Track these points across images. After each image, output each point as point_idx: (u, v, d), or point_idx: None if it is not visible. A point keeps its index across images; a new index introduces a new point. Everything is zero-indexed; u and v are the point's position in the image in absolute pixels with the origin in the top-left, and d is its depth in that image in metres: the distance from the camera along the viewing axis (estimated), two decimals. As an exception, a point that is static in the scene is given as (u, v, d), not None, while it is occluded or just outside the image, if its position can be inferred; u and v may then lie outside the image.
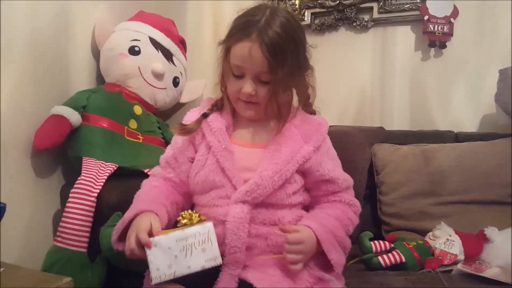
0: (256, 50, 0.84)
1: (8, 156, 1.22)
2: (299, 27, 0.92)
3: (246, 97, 0.90)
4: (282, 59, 0.85)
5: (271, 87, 0.88)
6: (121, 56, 1.47)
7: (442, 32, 1.73)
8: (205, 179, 0.92)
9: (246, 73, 0.88)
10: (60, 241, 1.16)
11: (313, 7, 2.00)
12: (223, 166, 0.91)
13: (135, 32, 1.51)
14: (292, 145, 0.92)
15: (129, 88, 1.49)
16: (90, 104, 1.38)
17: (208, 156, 0.94)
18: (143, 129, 1.50)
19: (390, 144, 1.54)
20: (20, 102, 1.24)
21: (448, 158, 1.40)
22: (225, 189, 0.91)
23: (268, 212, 0.90)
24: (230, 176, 0.90)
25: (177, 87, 1.64)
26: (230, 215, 0.87)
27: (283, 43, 0.85)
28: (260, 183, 0.87)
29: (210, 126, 0.95)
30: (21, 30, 1.24)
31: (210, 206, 0.92)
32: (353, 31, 1.94)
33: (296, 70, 0.90)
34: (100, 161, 1.30)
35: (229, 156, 0.91)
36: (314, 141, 0.94)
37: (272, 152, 0.91)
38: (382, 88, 1.87)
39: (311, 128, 0.96)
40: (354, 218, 0.96)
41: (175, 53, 1.61)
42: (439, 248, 1.15)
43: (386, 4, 1.84)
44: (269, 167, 0.89)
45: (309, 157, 0.92)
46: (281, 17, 0.87)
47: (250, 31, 0.85)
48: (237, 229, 0.85)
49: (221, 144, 0.92)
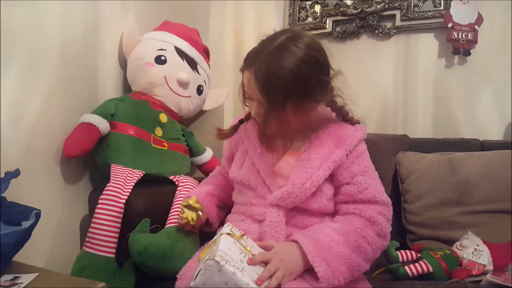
0: (251, 80, 0.91)
1: (40, 163, 1.25)
2: (312, 60, 0.90)
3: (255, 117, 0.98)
4: (273, 92, 0.88)
5: (265, 113, 0.93)
6: (147, 65, 1.49)
7: (466, 40, 1.72)
8: (241, 178, 1.01)
9: (251, 97, 0.96)
10: (90, 246, 1.18)
11: (334, 15, 2.01)
12: (258, 168, 0.98)
13: (161, 42, 1.54)
14: (322, 151, 0.94)
15: (155, 97, 1.52)
16: (118, 112, 1.41)
17: (246, 158, 1.03)
18: (168, 136, 1.52)
19: (415, 152, 1.53)
20: (51, 110, 1.28)
21: (475, 167, 1.38)
22: (260, 190, 0.97)
23: (302, 216, 0.94)
24: (264, 178, 0.97)
25: (201, 95, 1.66)
26: (268, 218, 0.93)
27: (276, 77, 0.86)
28: (292, 191, 0.91)
29: (247, 130, 1.05)
30: (53, 42, 1.28)
31: (247, 205, 1.00)
32: (375, 39, 1.95)
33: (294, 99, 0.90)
34: (127, 168, 1.33)
35: (264, 160, 0.99)
36: (347, 145, 0.95)
37: (303, 161, 0.95)
38: (405, 96, 1.86)
39: (346, 132, 0.98)
40: (371, 237, 0.88)
41: (200, 62, 1.63)
42: (467, 258, 1.14)
43: (409, 11, 1.84)
44: (300, 175, 0.92)
45: (340, 162, 0.93)
46: (288, 54, 0.87)
47: (250, 63, 0.92)
48: (275, 231, 0.91)
49: (257, 148, 1.00)
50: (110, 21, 1.50)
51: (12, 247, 0.88)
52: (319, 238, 0.87)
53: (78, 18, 1.37)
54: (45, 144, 1.27)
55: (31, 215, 0.92)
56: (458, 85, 1.78)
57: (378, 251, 0.91)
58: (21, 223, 0.89)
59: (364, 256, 0.87)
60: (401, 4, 1.85)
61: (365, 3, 1.91)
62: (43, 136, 1.26)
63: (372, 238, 0.88)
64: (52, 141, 1.29)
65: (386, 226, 0.91)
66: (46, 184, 1.28)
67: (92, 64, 1.44)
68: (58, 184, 1.32)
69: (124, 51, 1.54)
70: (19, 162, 1.15)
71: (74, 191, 1.38)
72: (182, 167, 1.54)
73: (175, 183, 1.40)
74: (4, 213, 0.88)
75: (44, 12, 1.24)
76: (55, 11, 1.28)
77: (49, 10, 1.26)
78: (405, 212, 1.45)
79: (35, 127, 1.23)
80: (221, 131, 1.08)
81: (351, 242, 0.87)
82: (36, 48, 1.22)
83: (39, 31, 1.23)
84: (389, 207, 0.94)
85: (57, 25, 1.29)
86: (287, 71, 0.86)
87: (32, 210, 0.93)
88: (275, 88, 0.87)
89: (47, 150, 1.28)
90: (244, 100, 1.02)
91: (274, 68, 0.87)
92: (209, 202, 1.12)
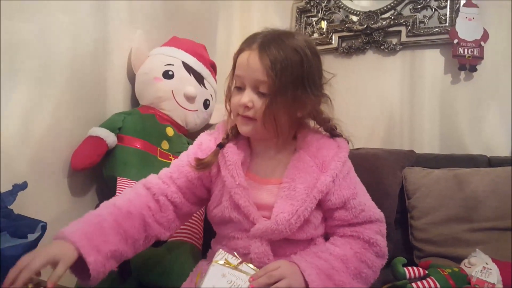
0: (253, 57, 0.84)
1: (47, 176, 1.27)
2: (313, 53, 0.89)
3: (243, 110, 0.87)
4: (281, 70, 0.82)
5: (268, 98, 0.85)
6: (155, 80, 1.51)
7: (472, 56, 1.72)
8: (221, 215, 0.92)
9: (245, 83, 0.87)
10: (95, 259, 1.18)
11: (340, 30, 2.03)
12: (238, 203, 0.88)
13: (169, 57, 1.56)
14: (307, 179, 0.88)
15: (162, 111, 1.53)
16: (125, 125, 1.42)
17: (224, 192, 0.92)
18: (174, 150, 1.53)
19: (422, 168, 1.52)
20: (59, 123, 1.30)
21: (482, 183, 1.37)
22: (242, 224, 0.90)
23: (289, 245, 0.90)
24: (246, 213, 0.88)
25: (207, 109, 1.67)
26: (253, 251, 0.87)
27: (286, 56, 0.83)
28: (275, 228, 0.85)
29: (226, 158, 0.91)
30: (63, 57, 1.30)
31: (230, 238, 0.93)
32: (381, 54, 1.95)
33: (299, 87, 0.85)
34: (133, 181, 1.33)
35: (244, 193, 0.88)
36: (332, 170, 0.88)
37: (287, 191, 0.87)
38: (411, 111, 1.86)
39: (329, 153, 0.91)
40: (371, 260, 0.86)
41: (207, 76, 1.65)
42: (476, 276, 1.12)
43: (415, 27, 1.85)
44: (285, 209, 0.86)
45: (327, 190, 0.87)
46: (292, 39, 0.87)
47: (251, 41, 0.87)
48: (262, 263, 0.85)
49: (235, 180, 0.89)
50: (119, 36, 1.52)
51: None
52: (319, 265, 0.82)
53: (88, 33, 1.39)
54: (53, 157, 1.29)
55: (37, 227, 0.92)
56: (465, 101, 1.77)
57: (378, 272, 0.89)
58: (27, 235, 0.89)
59: (364, 281, 0.86)
60: (406, 21, 1.87)
61: (370, 19, 1.93)
62: (51, 148, 1.27)
63: (372, 260, 0.87)
64: (60, 154, 1.31)
65: (384, 245, 0.90)
66: (53, 196, 1.29)
67: (101, 78, 1.46)
68: (65, 196, 1.33)
69: (133, 65, 1.56)
70: (27, 174, 1.16)
71: (81, 203, 1.39)
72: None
73: (180, 197, 1.41)
74: (10, 225, 0.88)
75: (54, 27, 1.27)
76: (65, 26, 1.30)
77: (60, 25, 1.28)
78: (412, 228, 1.43)
79: (44, 139, 1.25)
80: (201, 161, 0.92)
81: (352, 270, 0.84)
82: (46, 62, 1.25)
83: (50, 46, 1.26)
84: (383, 222, 0.93)
85: (67, 40, 1.31)
86: (294, 50, 0.84)
87: (39, 223, 0.93)
88: (282, 66, 0.82)
89: (55, 162, 1.30)
90: (228, 94, 0.93)
91: (283, 46, 0.84)
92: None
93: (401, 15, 1.89)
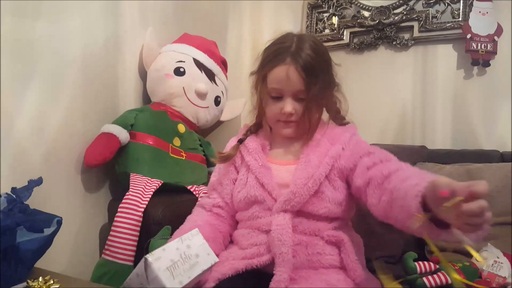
0: (292, 71, 0.93)
1: (61, 172, 1.29)
2: (325, 49, 1.00)
3: (286, 117, 0.97)
4: (315, 76, 0.93)
5: (305, 103, 0.95)
6: (167, 77, 1.52)
7: (485, 51, 1.70)
8: (247, 195, 0.98)
9: (284, 94, 0.96)
10: (109, 254, 1.20)
11: (352, 26, 2.02)
12: (262, 181, 0.97)
13: (180, 54, 1.57)
14: (319, 151, 0.96)
15: (173, 107, 1.55)
16: (138, 122, 1.43)
17: (248, 175, 1.01)
18: (186, 146, 1.54)
19: (433, 163, 1.51)
20: (73, 120, 1.32)
21: (494, 178, 1.36)
22: (266, 203, 0.96)
23: (309, 222, 0.93)
24: (269, 190, 0.96)
25: (218, 106, 1.68)
26: (274, 223, 0.91)
27: (315, 63, 0.93)
28: (295, 191, 0.91)
29: (247, 147, 1.04)
30: (75, 55, 1.32)
31: (253, 218, 0.98)
32: (393, 50, 1.95)
33: (327, 86, 0.97)
34: (146, 177, 1.35)
35: (267, 172, 0.98)
36: (341, 141, 0.97)
37: (303, 163, 0.96)
38: (424, 107, 1.85)
39: (338, 131, 1.00)
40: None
41: (217, 73, 1.66)
42: (487, 270, 1.12)
43: (427, 23, 1.84)
44: (302, 175, 0.93)
45: (337, 155, 0.95)
46: (309, 41, 0.96)
47: (283, 57, 0.94)
48: (281, 235, 0.88)
49: (258, 162, 1.00)
50: (130, 33, 1.54)
51: (35, 254, 0.90)
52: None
53: (99, 31, 1.41)
54: (67, 153, 1.31)
55: (53, 222, 0.94)
56: (477, 96, 1.76)
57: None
58: (43, 230, 0.91)
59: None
60: (419, 16, 1.85)
61: (382, 15, 1.92)
62: (65, 145, 1.30)
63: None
64: (73, 151, 1.33)
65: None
66: (67, 192, 1.31)
67: (113, 75, 1.48)
68: (78, 192, 1.36)
69: (144, 62, 1.58)
70: (41, 170, 1.19)
71: (94, 199, 1.42)
72: (200, 177, 1.55)
73: (192, 193, 1.42)
74: (27, 220, 0.90)
75: (67, 26, 1.29)
76: (78, 24, 1.32)
77: (72, 23, 1.30)
78: (423, 224, 1.42)
79: (58, 136, 1.27)
80: (222, 154, 1.06)
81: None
82: (59, 60, 1.27)
83: (62, 44, 1.28)
84: None
85: (79, 38, 1.34)
86: (318, 53, 0.94)
87: (54, 218, 0.95)
88: (316, 73, 0.93)
89: (69, 159, 1.32)
90: (260, 103, 1.03)
91: (310, 53, 0.93)
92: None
93: (414, 10, 1.88)
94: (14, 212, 0.89)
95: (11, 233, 0.85)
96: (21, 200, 0.94)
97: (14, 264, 0.86)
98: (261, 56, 1.01)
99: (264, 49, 1.01)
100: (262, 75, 0.99)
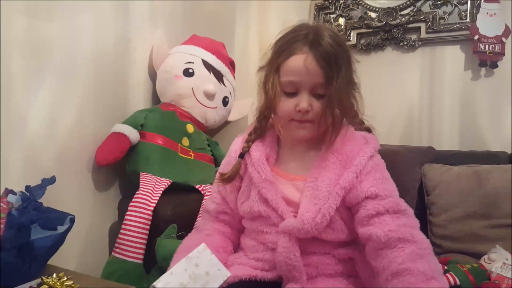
0: (310, 60, 0.81)
1: (72, 171, 1.31)
2: (345, 40, 0.91)
3: (302, 115, 0.85)
4: (337, 67, 0.81)
5: (326, 100, 0.83)
6: (176, 78, 1.54)
7: (493, 52, 1.70)
8: (250, 210, 0.90)
9: (300, 88, 0.84)
10: (119, 252, 1.21)
11: (359, 27, 2.03)
12: (266, 197, 0.87)
13: (189, 55, 1.59)
14: (329, 177, 0.85)
15: (182, 108, 1.56)
16: (147, 122, 1.45)
17: (252, 187, 0.91)
18: (194, 146, 1.56)
19: (441, 165, 1.52)
20: (84, 120, 1.34)
21: (502, 180, 1.36)
22: (271, 219, 0.88)
23: (319, 244, 0.86)
24: (274, 206, 0.87)
25: (226, 106, 1.69)
26: (280, 245, 0.84)
27: (336, 52, 0.81)
28: (301, 227, 0.82)
29: (251, 156, 0.92)
30: (86, 55, 1.34)
31: (259, 232, 0.91)
32: (400, 51, 1.95)
33: (348, 82, 0.85)
34: (155, 176, 1.37)
35: (271, 187, 0.88)
36: (356, 165, 0.84)
37: (311, 190, 0.85)
38: (431, 108, 1.86)
39: (354, 148, 0.87)
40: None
41: (225, 74, 1.67)
42: (496, 272, 1.12)
43: (434, 24, 1.84)
44: (309, 208, 0.83)
45: (350, 186, 0.83)
46: (327, 30, 0.84)
47: (300, 45, 0.83)
48: (289, 259, 0.83)
49: (261, 175, 0.89)
50: (140, 35, 1.56)
51: (48, 251, 0.92)
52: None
53: (110, 32, 1.43)
54: (78, 153, 1.33)
55: (66, 220, 0.96)
56: (485, 98, 1.76)
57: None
58: (57, 227, 0.93)
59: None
60: (426, 17, 1.86)
61: (390, 16, 1.93)
62: (76, 145, 1.32)
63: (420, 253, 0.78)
64: (84, 150, 1.35)
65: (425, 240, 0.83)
66: (78, 191, 1.33)
67: (123, 76, 1.50)
68: (89, 191, 1.38)
69: (154, 63, 1.60)
70: (53, 169, 1.20)
71: (104, 198, 1.43)
72: (208, 176, 1.56)
73: (200, 192, 1.43)
74: (41, 218, 0.92)
75: (78, 26, 1.31)
76: (89, 25, 1.34)
77: (83, 24, 1.32)
78: (431, 225, 1.43)
79: (69, 136, 1.29)
80: (223, 175, 0.94)
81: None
82: (70, 60, 1.29)
83: (73, 45, 1.30)
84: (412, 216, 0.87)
85: (90, 39, 1.35)
86: (338, 44, 0.83)
87: (67, 216, 0.97)
88: (338, 64, 0.81)
89: (80, 158, 1.34)
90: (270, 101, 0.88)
91: (330, 42, 0.81)
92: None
93: (421, 11, 1.88)
94: (29, 210, 0.91)
95: (26, 230, 0.87)
96: (35, 198, 0.96)
97: (29, 260, 0.88)
98: (272, 49, 0.88)
99: (276, 40, 0.88)
100: (274, 67, 0.86)
